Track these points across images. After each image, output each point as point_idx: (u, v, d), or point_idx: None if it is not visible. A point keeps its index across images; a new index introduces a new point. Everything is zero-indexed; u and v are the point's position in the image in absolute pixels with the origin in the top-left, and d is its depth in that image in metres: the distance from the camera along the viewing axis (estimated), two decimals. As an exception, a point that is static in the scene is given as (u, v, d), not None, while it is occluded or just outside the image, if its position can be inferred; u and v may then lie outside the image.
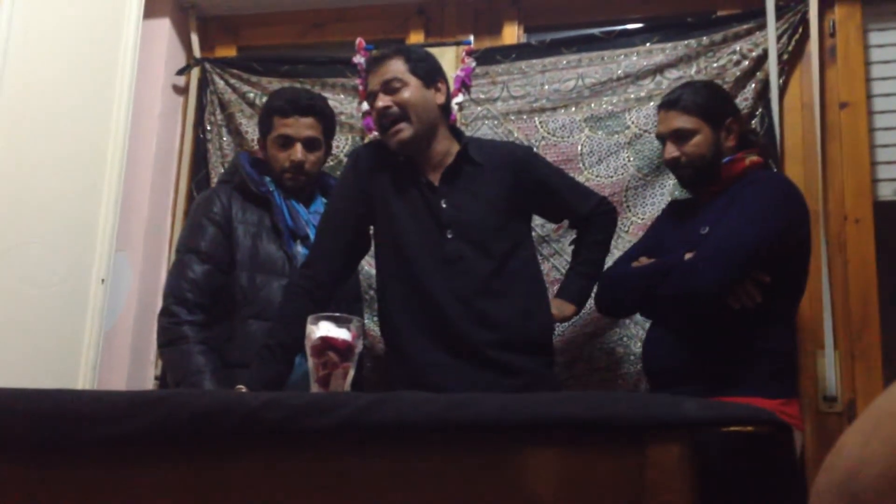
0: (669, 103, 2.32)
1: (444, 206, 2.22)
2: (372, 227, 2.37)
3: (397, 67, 2.21)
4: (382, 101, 2.20)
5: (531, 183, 2.32)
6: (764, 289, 2.12)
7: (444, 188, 2.24)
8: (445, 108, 2.30)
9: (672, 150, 2.29)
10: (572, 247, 2.50)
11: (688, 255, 2.17)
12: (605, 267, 2.46)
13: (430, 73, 2.26)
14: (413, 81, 2.21)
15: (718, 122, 2.29)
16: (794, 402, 2.21)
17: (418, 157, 2.26)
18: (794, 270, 2.24)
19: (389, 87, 2.20)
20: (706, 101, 2.29)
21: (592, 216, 2.41)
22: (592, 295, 2.46)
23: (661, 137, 2.35)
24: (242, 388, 2.05)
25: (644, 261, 2.32)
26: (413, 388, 1.94)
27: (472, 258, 2.20)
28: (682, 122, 2.28)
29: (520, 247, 2.29)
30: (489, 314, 2.17)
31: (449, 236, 2.20)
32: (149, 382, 3.13)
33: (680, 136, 2.28)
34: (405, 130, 2.19)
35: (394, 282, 2.26)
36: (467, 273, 2.19)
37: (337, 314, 1.66)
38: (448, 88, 2.30)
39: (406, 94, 2.19)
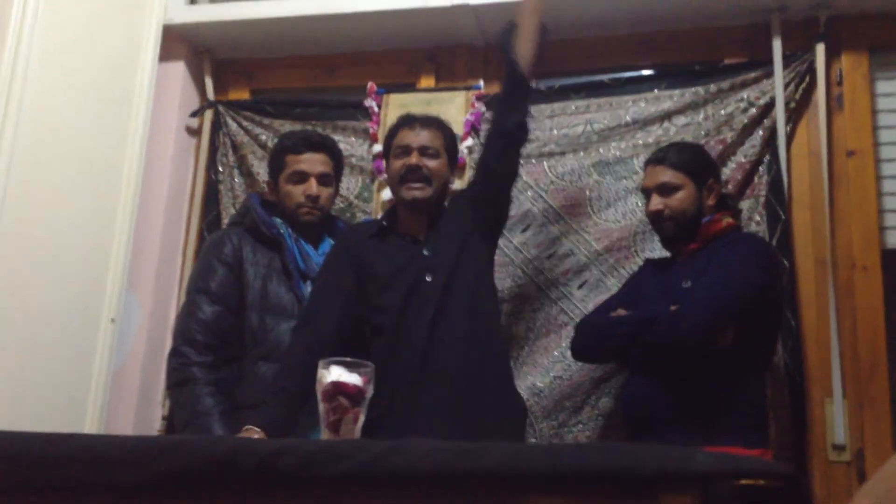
0: (657, 160, 2.45)
1: (425, 253, 2.38)
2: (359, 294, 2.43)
3: (438, 140, 2.44)
4: (417, 160, 2.39)
5: (470, 200, 2.52)
6: (740, 342, 2.21)
7: (426, 239, 2.42)
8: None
9: (657, 203, 2.41)
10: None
11: (673, 308, 2.24)
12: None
13: (454, 156, 2.54)
14: (443, 156, 2.45)
15: (701, 180, 2.41)
16: (769, 452, 2.28)
17: (413, 219, 2.44)
18: (768, 325, 2.34)
19: (426, 152, 2.42)
20: (691, 159, 2.42)
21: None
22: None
23: (647, 191, 2.46)
24: (255, 430, 2.06)
25: (622, 312, 2.39)
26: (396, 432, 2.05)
27: (447, 296, 2.33)
28: (668, 176, 2.40)
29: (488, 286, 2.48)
30: (454, 352, 2.29)
31: (428, 279, 2.34)
32: (156, 422, 3.13)
33: (665, 190, 2.40)
34: (425, 190, 2.40)
35: (379, 330, 2.35)
36: (442, 311, 2.31)
37: (348, 359, 1.67)
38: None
39: (437, 163, 2.43)
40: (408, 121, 2.49)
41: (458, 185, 2.87)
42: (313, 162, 2.55)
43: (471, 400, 2.26)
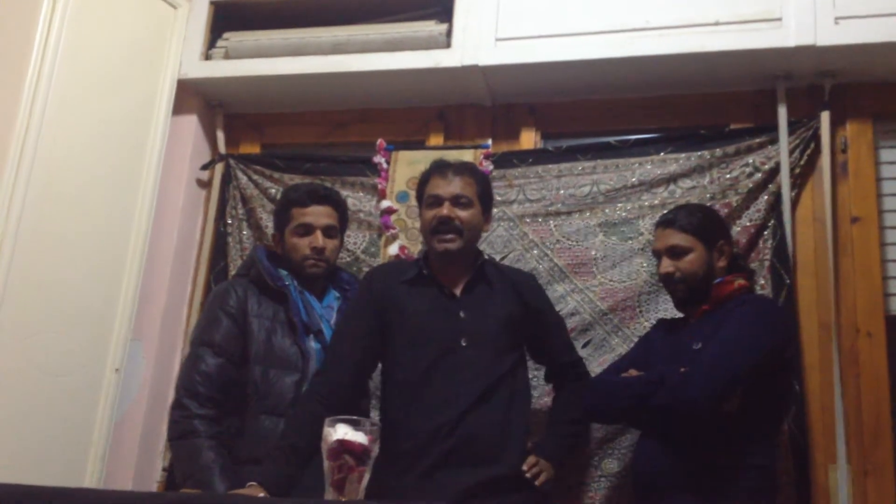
0: (667, 222, 2.45)
1: (462, 315, 2.32)
2: (382, 342, 2.41)
3: (471, 188, 2.38)
4: (449, 210, 2.34)
5: (531, 308, 2.45)
6: (748, 405, 2.20)
7: (464, 299, 2.36)
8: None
9: (667, 266, 2.41)
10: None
11: (682, 370, 2.23)
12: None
13: (488, 203, 2.48)
14: (477, 205, 2.39)
15: (712, 242, 2.41)
16: None
17: (447, 268, 2.39)
18: (779, 388, 2.33)
19: (458, 202, 2.36)
20: (701, 221, 2.42)
21: (569, 370, 2.53)
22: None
23: (658, 253, 2.47)
24: (257, 488, 2.05)
25: (633, 373, 2.38)
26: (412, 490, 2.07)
27: (483, 366, 2.29)
28: (678, 239, 2.40)
29: (519, 365, 2.42)
30: (484, 422, 2.25)
31: (463, 344, 2.29)
32: (156, 473, 3.11)
33: (675, 253, 2.40)
34: (456, 242, 2.35)
35: (401, 385, 2.32)
36: (476, 379, 2.27)
37: (354, 417, 1.67)
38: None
39: (469, 213, 2.38)
40: (440, 168, 2.43)
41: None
42: (318, 214, 2.57)
43: (491, 471, 2.22)
